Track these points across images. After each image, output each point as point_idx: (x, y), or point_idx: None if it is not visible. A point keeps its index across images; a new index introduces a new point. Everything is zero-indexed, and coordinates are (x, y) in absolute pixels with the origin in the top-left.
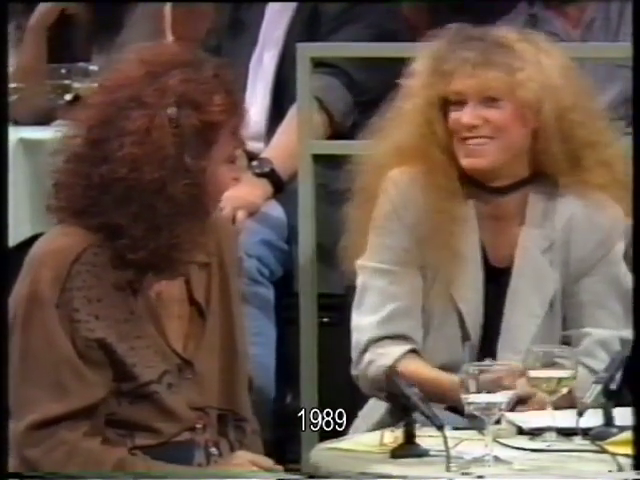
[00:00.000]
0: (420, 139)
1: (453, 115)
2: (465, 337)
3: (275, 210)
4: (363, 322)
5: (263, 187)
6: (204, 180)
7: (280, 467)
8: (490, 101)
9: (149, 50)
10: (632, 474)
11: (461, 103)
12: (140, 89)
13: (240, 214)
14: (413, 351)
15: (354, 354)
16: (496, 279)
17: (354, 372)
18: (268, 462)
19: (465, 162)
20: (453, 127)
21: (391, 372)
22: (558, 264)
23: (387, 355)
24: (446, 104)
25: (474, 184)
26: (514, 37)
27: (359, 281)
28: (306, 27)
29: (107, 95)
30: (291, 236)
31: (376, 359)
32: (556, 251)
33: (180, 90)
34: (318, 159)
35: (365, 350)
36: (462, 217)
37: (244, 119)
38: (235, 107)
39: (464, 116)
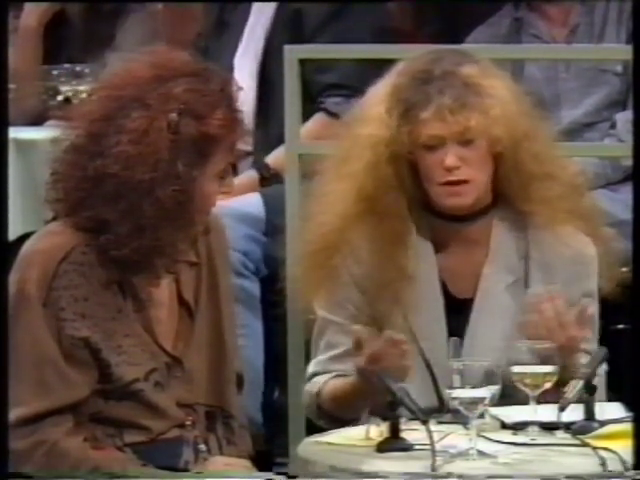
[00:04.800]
0: (386, 187)
1: (430, 157)
2: (430, 372)
3: (255, 207)
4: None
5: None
6: (193, 189)
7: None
8: (467, 141)
9: (161, 54)
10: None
11: (435, 145)
12: (145, 91)
13: None
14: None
15: None
16: (458, 310)
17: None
18: (244, 464)
19: (448, 202)
20: (431, 169)
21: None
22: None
23: (315, 383)
24: (414, 145)
25: (434, 214)
26: (476, 72)
27: (315, 326)
28: (288, 25)
29: (112, 91)
30: (271, 232)
31: (309, 389)
32: (523, 287)
33: (184, 98)
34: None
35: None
36: (418, 256)
37: (243, 136)
38: (235, 123)
39: (447, 159)
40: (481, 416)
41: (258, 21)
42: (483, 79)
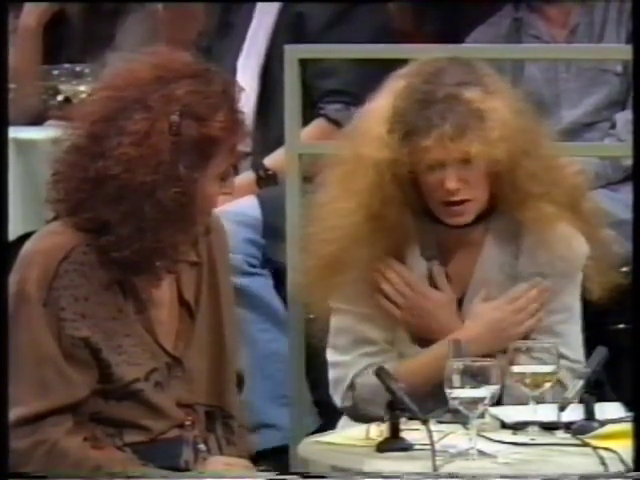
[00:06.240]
0: (391, 204)
1: (431, 177)
2: None
3: (251, 210)
4: (340, 360)
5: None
6: (194, 191)
7: (254, 468)
8: (467, 163)
9: (163, 55)
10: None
11: (436, 166)
12: (147, 92)
13: None
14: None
15: (338, 390)
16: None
17: (345, 404)
18: (243, 463)
19: (450, 221)
20: (432, 187)
21: (378, 369)
22: None
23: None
24: (415, 166)
25: (435, 220)
26: (478, 96)
27: (332, 321)
28: (291, 28)
29: (114, 92)
30: (269, 234)
31: (366, 381)
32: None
33: (186, 100)
34: None
35: (352, 384)
36: (423, 262)
37: (244, 138)
38: (237, 125)
39: (448, 182)
40: (481, 416)
41: (261, 24)
42: (485, 102)
